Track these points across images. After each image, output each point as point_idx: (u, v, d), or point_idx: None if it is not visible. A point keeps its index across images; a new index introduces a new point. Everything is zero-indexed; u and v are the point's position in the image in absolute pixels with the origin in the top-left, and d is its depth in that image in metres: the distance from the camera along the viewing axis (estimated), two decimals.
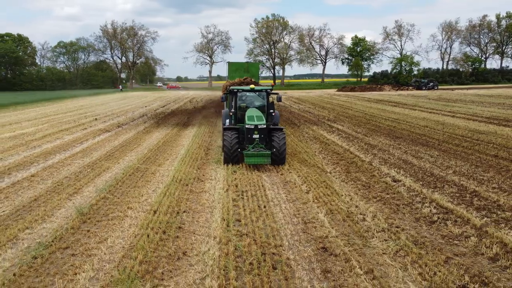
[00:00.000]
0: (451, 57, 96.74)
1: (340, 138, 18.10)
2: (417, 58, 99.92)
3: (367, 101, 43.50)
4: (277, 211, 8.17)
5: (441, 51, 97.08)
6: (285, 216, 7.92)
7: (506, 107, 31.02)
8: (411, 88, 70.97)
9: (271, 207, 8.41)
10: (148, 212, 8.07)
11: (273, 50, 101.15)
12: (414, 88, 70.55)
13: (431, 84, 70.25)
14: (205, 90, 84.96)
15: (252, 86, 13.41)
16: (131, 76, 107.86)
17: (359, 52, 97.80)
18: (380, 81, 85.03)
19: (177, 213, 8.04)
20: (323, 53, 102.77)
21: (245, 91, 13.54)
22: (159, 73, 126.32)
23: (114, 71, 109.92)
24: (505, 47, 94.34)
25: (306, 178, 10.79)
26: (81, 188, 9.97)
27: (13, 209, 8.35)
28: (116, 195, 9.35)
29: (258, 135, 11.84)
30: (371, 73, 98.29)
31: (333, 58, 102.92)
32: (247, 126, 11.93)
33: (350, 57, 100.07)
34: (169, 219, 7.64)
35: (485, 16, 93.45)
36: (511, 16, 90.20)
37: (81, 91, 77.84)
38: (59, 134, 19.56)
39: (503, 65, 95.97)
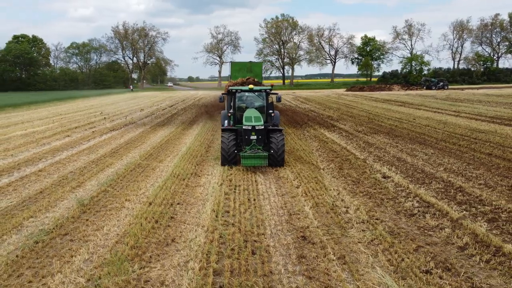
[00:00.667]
0: (462, 56, 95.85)
1: (340, 136, 18.44)
2: (427, 57, 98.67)
3: (374, 100, 43.58)
4: (266, 204, 8.62)
5: (452, 50, 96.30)
6: (272, 208, 8.36)
7: None
8: (420, 88, 70.56)
9: (260, 200, 8.86)
10: (144, 203, 8.60)
11: (282, 50, 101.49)
12: (423, 87, 70.14)
13: (441, 83, 69.75)
14: (214, 90, 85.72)
15: (251, 86, 13.20)
16: (142, 76, 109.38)
17: (368, 51, 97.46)
18: (390, 81, 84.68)
19: (171, 204, 8.55)
20: (332, 53, 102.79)
21: (243, 91, 13.41)
22: (170, 73, 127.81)
23: (125, 71, 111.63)
24: None
25: (299, 174, 11.20)
26: (84, 182, 10.56)
27: (20, 200, 8.96)
28: (116, 188, 9.91)
29: (255, 136, 11.62)
30: (381, 73, 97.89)
31: (342, 58, 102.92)
32: (244, 127, 11.75)
33: (359, 57, 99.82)
34: (162, 210, 8.15)
35: (497, 15, 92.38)
36: None
37: (93, 91, 79.33)
38: (68, 132, 20.31)
39: None
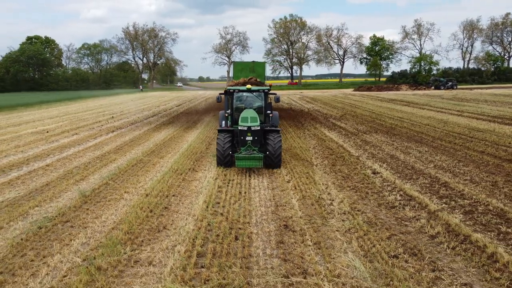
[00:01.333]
0: (472, 56, 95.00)
1: (339, 135, 18.83)
2: (436, 57, 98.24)
3: (379, 100, 43.72)
4: (255, 196, 9.12)
5: (462, 50, 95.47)
6: (260, 200, 8.85)
7: None
8: (428, 87, 70.25)
9: (250, 193, 9.36)
10: (141, 195, 9.17)
11: (291, 50, 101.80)
12: (431, 87, 69.81)
13: (450, 83, 69.33)
14: (223, 90, 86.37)
15: (248, 86, 12.93)
16: (152, 76, 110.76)
17: (377, 51, 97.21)
18: (398, 80, 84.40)
19: (166, 196, 9.11)
20: (341, 53, 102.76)
21: (241, 91, 13.20)
22: (179, 74, 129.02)
23: (135, 71, 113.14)
24: None
25: (291, 169, 11.67)
26: (88, 175, 11.19)
27: (27, 192, 9.61)
28: (117, 181, 10.52)
29: (251, 137, 11.33)
30: (390, 73, 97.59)
31: (351, 58, 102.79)
32: (240, 127, 11.45)
33: (368, 57, 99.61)
34: (158, 201, 8.71)
35: (508, 14, 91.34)
36: None
37: (103, 91, 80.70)
38: (77, 130, 21.08)
39: None
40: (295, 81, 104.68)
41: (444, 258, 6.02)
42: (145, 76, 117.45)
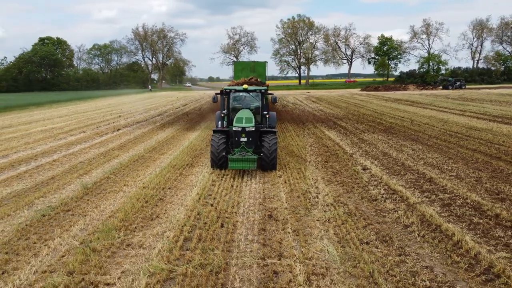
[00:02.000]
0: (482, 55, 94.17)
1: (337, 133, 19.24)
2: (445, 57, 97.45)
3: (384, 100, 43.88)
4: (246, 190, 9.64)
5: (471, 49, 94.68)
6: (250, 193, 9.37)
7: None
8: (436, 87, 69.97)
9: (242, 187, 9.89)
10: (139, 188, 9.76)
11: (298, 50, 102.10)
12: (437, 87, 69.52)
13: (458, 83, 68.95)
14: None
15: (245, 86, 12.77)
16: (161, 76, 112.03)
17: (385, 51, 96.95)
18: (406, 80, 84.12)
19: (162, 189, 9.68)
20: (349, 52, 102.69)
21: (237, 91, 12.96)
22: (188, 74, 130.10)
23: (145, 72, 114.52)
24: None
25: (284, 165, 12.16)
26: (91, 170, 11.83)
27: (33, 184, 10.27)
28: (118, 175, 11.13)
29: (245, 138, 11.11)
30: (398, 73, 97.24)
31: (359, 57, 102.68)
32: (234, 128, 11.23)
33: (376, 57, 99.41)
34: (154, 193, 9.28)
35: None
36: None
37: (112, 91, 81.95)
38: (84, 128, 21.84)
39: None
40: (353, 80, 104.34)
41: (412, 245, 6.46)
42: (154, 76, 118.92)
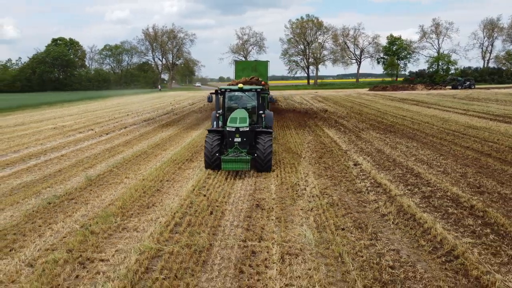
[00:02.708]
0: (492, 55, 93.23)
1: (336, 132, 19.68)
2: (455, 57, 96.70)
3: (390, 100, 44.03)
4: (239, 182, 10.21)
5: (482, 49, 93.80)
6: (242, 185, 9.94)
7: None
8: (446, 87, 69.61)
9: (235, 179, 10.46)
10: (139, 180, 10.40)
11: (307, 50, 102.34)
12: (446, 86, 69.16)
13: (468, 83, 68.47)
14: None
15: (240, 85, 12.66)
16: (171, 76, 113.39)
17: (394, 51, 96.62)
18: (415, 80, 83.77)
19: (160, 181, 10.31)
20: (357, 52, 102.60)
21: (233, 90, 12.89)
22: (198, 74, 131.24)
23: (155, 72, 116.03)
24: None
25: (279, 161, 12.69)
26: (96, 164, 12.54)
27: (42, 176, 11.00)
28: (120, 169, 11.81)
29: (239, 139, 10.95)
30: (407, 73, 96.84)
31: (368, 57, 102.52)
32: (228, 128, 11.04)
33: (385, 57, 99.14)
34: (152, 184, 9.92)
35: None
36: None
37: (123, 90, 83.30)
38: (92, 126, 22.68)
39: None
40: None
41: (385, 231, 6.96)
42: (164, 76, 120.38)
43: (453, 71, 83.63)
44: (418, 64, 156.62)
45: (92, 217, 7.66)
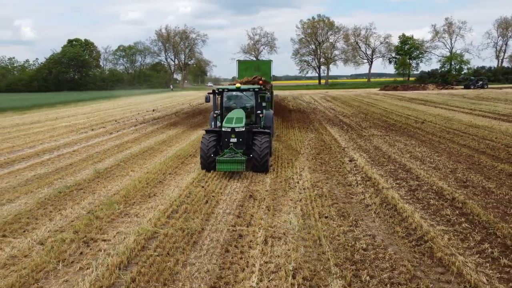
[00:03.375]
0: (507, 54, 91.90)
1: (338, 130, 20.14)
2: (468, 56, 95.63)
3: (398, 99, 44.11)
4: (236, 176, 10.80)
5: (496, 48, 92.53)
6: (240, 178, 10.54)
7: None
8: (456, 87, 69.07)
9: (234, 173, 11.06)
10: (143, 173, 11.11)
11: (318, 50, 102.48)
12: (455, 86, 68.59)
13: (480, 83, 67.79)
14: None
15: (238, 85, 12.55)
16: (183, 76, 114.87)
17: (406, 50, 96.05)
18: (427, 80, 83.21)
19: (163, 174, 11.00)
20: (369, 52, 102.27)
21: (230, 90, 12.83)
22: (210, 74, 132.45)
23: (168, 72, 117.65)
24: None
25: (278, 157, 13.26)
26: (104, 159, 13.31)
27: (54, 169, 11.81)
28: (127, 163, 12.55)
29: (235, 139, 10.87)
30: (419, 72, 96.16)
31: (380, 57, 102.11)
32: (223, 128, 10.99)
33: (397, 56, 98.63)
34: (155, 177, 10.61)
35: None
36: None
37: (136, 90, 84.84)
38: (104, 124, 23.60)
39: None
40: None
41: (366, 219, 7.48)
42: (177, 76, 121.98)
43: (465, 71, 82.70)
44: (430, 63, 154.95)
45: (97, 204, 8.37)
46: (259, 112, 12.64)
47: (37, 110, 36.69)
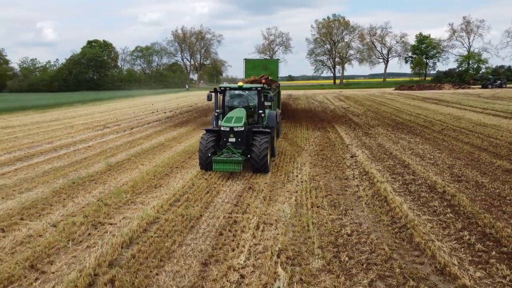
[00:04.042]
0: None
1: (346, 128, 20.46)
2: (486, 55, 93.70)
3: (412, 99, 43.89)
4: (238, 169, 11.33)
5: None
6: (242, 171, 11.05)
7: None
8: (473, 86, 67.98)
9: None
10: (152, 166, 11.76)
11: (333, 50, 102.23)
12: (472, 85, 67.49)
13: (499, 82, 66.49)
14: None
15: (240, 84, 12.48)
16: (199, 76, 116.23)
17: (423, 50, 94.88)
18: (443, 79, 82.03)
19: (170, 167, 11.62)
20: (385, 52, 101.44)
21: (232, 89, 12.62)
22: (225, 74, 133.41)
23: (184, 72, 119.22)
24: None
25: (281, 153, 13.73)
26: (117, 153, 14.05)
27: (70, 163, 12.59)
28: (137, 158, 13.24)
29: (234, 139, 10.71)
30: (435, 72, 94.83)
31: (396, 56, 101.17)
32: (222, 128, 10.79)
33: (413, 56, 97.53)
34: (162, 170, 11.24)
35: None
36: None
37: (152, 90, 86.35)
38: (119, 122, 24.50)
39: None
40: None
41: (356, 209, 7.90)
42: (193, 76, 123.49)
43: (483, 70, 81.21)
44: (447, 63, 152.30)
45: (107, 193, 9.03)
46: (261, 111, 12.36)
47: (56, 109, 38.08)
